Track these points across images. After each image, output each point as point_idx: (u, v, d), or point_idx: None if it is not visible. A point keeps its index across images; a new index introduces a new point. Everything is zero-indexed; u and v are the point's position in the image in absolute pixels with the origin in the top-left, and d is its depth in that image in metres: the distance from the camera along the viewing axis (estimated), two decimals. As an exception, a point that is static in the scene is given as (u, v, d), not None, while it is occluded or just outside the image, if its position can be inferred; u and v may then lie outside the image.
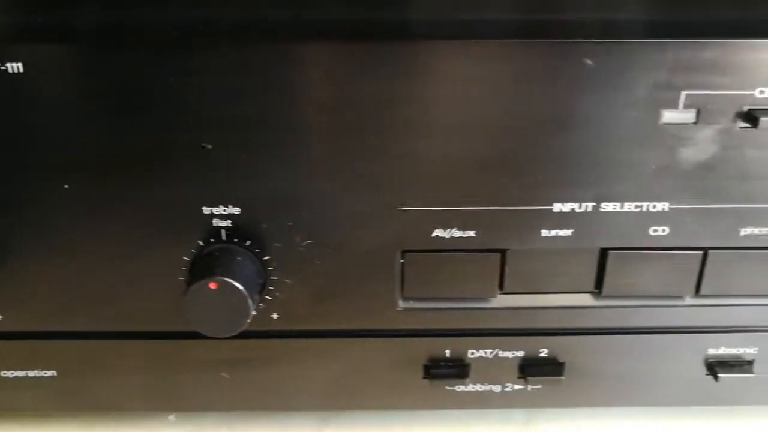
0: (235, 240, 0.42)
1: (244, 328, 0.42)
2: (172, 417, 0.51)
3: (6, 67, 0.37)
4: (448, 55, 0.38)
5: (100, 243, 0.43)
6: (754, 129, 0.39)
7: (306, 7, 0.42)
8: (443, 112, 0.39)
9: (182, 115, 0.39)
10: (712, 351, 0.46)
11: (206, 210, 0.42)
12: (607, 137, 0.40)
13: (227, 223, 0.42)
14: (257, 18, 0.41)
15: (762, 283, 0.44)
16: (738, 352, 0.46)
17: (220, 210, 0.42)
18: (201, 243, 0.42)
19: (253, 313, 0.43)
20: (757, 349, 0.46)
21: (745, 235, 0.43)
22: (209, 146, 0.40)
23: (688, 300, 0.45)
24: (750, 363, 0.47)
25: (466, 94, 0.39)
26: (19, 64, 0.37)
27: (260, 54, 0.38)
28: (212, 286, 0.40)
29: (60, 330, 0.45)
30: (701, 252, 0.43)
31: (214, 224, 0.42)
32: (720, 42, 0.38)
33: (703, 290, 0.44)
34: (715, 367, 0.46)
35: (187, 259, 0.43)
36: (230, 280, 0.40)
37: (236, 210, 0.42)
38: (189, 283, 0.41)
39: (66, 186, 0.41)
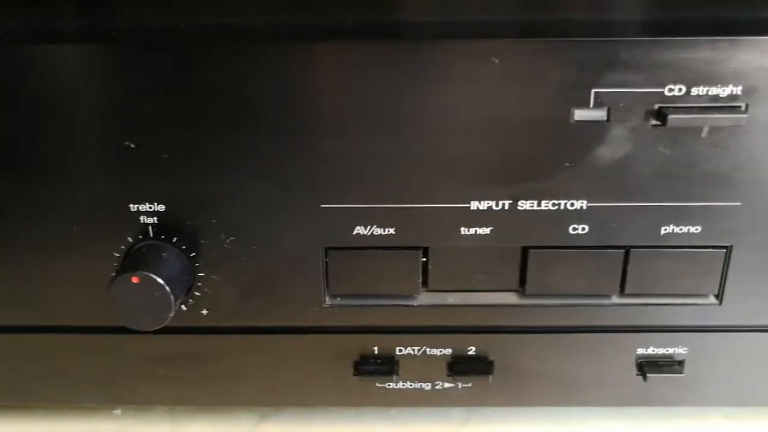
0: (163, 237, 0.43)
1: (175, 323, 0.43)
2: (117, 411, 0.52)
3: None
4: (360, 58, 0.39)
5: (36, 240, 0.44)
6: (665, 126, 0.39)
7: (228, 11, 0.43)
8: (359, 112, 0.40)
9: (107, 115, 0.40)
10: (641, 351, 0.46)
11: (133, 207, 0.43)
12: (521, 135, 0.40)
13: (153, 220, 0.43)
14: (181, 21, 0.42)
15: (687, 282, 0.44)
16: (668, 352, 0.46)
17: (146, 207, 0.43)
18: (130, 239, 0.44)
19: (183, 308, 0.45)
20: (686, 349, 0.46)
21: (665, 234, 0.43)
22: (132, 145, 0.41)
23: (615, 299, 0.45)
24: (680, 363, 0.46)
25: (379, 94, 0.40)
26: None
27: (183, 55, 0.39)
28: (134, 280, 0.41)
29: (3, 325, 0.47)
30: (622, 251, 0.43)
31: (142, 221, 0.43)
32: (628, 41, 0.38)
33: (628, 289, 0.44)
34: (644, 366, 0.46)
35: (117, 255, 0.44)
36: (151, 275, 0.41)
37: (161, 207, 0.43)
38: (113, 277, 0.42)
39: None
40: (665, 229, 0.43)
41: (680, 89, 0.39)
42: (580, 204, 0.42)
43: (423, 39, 0.39)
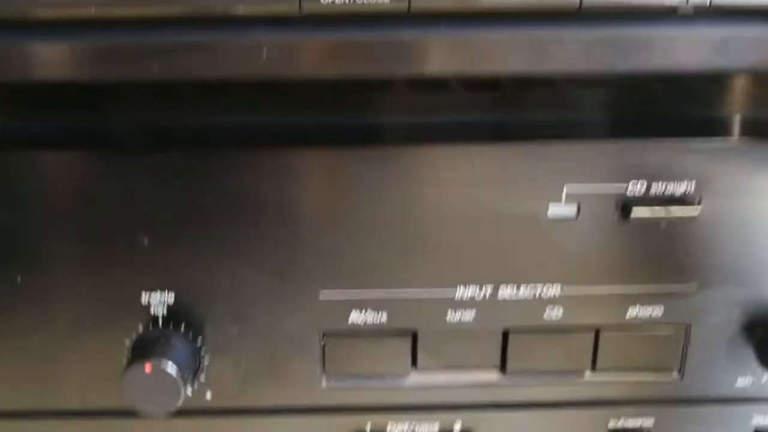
0: (171, 325, 0.47)
1: (180, 406, 0.46)
2: (119, 493, 0.54)
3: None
4: (352, 162, 0.44)
5: (51, 329, 0.47)
6: (628, 219, 0.44)
7: (226, 115, 0.47)
8: (353, 210, 0.44)
9: (120, 213, 0.44)
10: (613, 423, 0.50)
11: (144, 298, 0.46)
12: (500, 229, 0.45)
13: (163, 309, 0.46)
14: (185, 126, 0.47)
15: (652, 357, 0.48)
16: (637, 423, 0.50)
17: (156, 298, 0.46)
18: (140, 327, 0.47)
19: (189, 393, 0.48)
20: (653, 420, 0.50)
21: (631, 315, 0.47)
22: (144, 241, 0.45)
23: (588, 375, 0.49)
24: (648, 433, 0.51)
25: (371, 194, 0.44)
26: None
27: (188, 160, 0.43)
28: (147, 368, 0.45)
29: (16, 410, 0.49)
30: (593, 331, 0.48)
31: (152, 311, 0.46)
32: (596, 144, 0.44)
33: (600, 365, 0.48)
34: (616, 437, 0.50)
35: (127, 343, 0.47)
36: (163, 364, 0.44)
37: (171, 298, 0.46)
38: (126, 365, 0.45)
39: (19, 278, 0.46)
40: (631, 310, 0.47)
41: (642, 185, 0.44)
42: (554, 289, 0.46)
43: (410, 144, 0.44)
